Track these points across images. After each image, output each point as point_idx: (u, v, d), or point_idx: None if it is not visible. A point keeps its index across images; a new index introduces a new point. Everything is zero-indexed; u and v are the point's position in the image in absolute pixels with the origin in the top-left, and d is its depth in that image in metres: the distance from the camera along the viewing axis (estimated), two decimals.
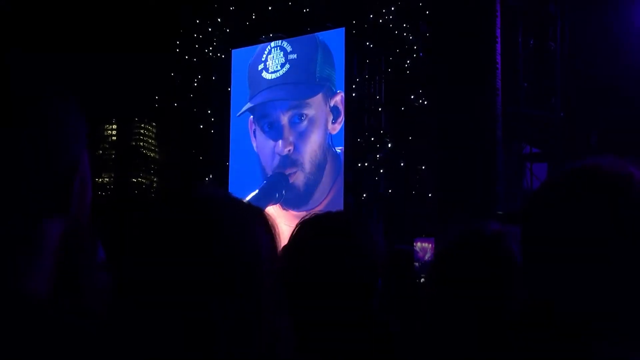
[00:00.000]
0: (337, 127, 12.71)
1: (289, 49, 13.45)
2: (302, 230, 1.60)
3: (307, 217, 1.63)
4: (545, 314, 1.07)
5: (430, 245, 9.70)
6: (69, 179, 0.88)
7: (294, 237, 1.60)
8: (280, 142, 12.99)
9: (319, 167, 12.76)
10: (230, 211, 1.06)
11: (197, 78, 15.05)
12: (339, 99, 12.73)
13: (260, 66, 13.72)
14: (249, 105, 13.69)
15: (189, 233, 1.01)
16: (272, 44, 13.67)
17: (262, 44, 13.84)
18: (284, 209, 12.86)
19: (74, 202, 0.89)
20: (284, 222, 12.64)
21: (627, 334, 1.03)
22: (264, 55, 13.71)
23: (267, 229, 1.09)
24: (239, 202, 1.10)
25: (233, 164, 14.10)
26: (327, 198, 12.60)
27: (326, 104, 12.82)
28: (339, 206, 11.94)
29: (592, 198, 1.06)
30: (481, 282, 1.50)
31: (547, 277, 1.08)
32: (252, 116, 13.73)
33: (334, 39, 12.96)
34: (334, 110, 12.74)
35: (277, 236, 1.11)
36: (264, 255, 1.04)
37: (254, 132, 13.66)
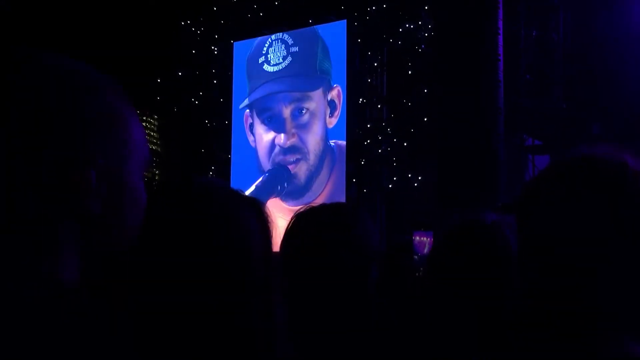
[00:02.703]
0: (333, 121, 12.74)
1: (290, 41, 13.44)
2: (296, 223, 1.60)
3: (301, 210, 1.63)
4: (545, 313, 1.06)
5: (428, 239, 9.70)
6: (80, 174, 0.84)
7: (289, 231, 1.60)
8: (282, 135, 12.98)
9: (320, 160, 12.78)
10: (222, 204, 1.05)
11: (199, 70, 15.03)
12: (335, 92, 12.75)
13: (261, 59, 13.70)
14: (252, 98, 13.67)
15: (182, 228, 1.00)
16: (273, 36, 13.65)
17: (261, 37, 13.83)
18: (283, 202, 12.86)
19: (93, 202, 0.85)
20: (281, 216, 12.64)
21: (627, 332, 1.02)
22: (265, 48, 13.69)
23: (261, 221, 1.08)
24: (232, 194, 1.09)
25: (235, 157, 14.10)
26: (325, 191, 12.61)
27: (325, 98, 12.84)
28: (337, 199, 11.95)
29: (586, 189, 1.05)
30: (478, 272, 1.49)
31: (545, 269, 1.07)
32: (248, 110, 13.72)
33: (336, 31, 12.94)
34: (331, 104, 12.77)
35: (272, 228, 1.10)
36: (255, 247, 1.04)
37: (251, 126, 13.65)
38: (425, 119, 11.94)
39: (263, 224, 1.08)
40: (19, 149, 0.81)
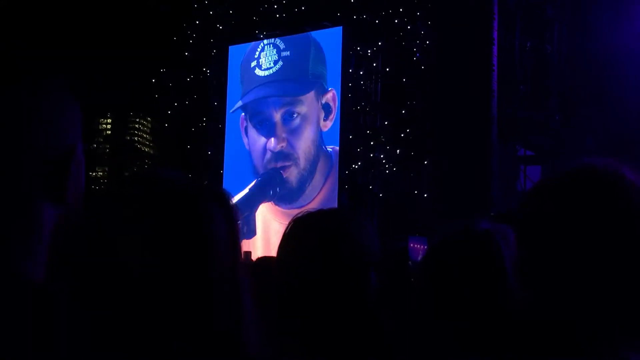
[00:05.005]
0: (328, 124, 12.75)
1: (282, 46, 13.49)
2: (294, 228, 1.61)
3: (299, 215, 1.63)
4: (545, 314, 1.08)
5: (422, 246, 9.70)
6: (65, 165, 0.89)
7: (287, 235, 1.61)
8: (272, 139, 13.00)
9: (312, 164, 12.78)
10: (182, 193, 1.05)
11: (194, 73, 15.05)
12: (330, 96, 12.76)
13: (253, 63, 13.75)
14: (242, 102, 13.71)
15: (140, 213, 1.00)
16: (265, 41, 13.71)
17: (254, 42, 13.88)
18: (276, 205, 12.88)
19: (69, 190, 0.90)
20: (274, 219, 12.65)
21: (626, 334, 1.04)
22: (257, 53, 13.75)
23: (226, 211, 1.08)
24: (194, 185, 1.09)
25: (228, 160, 14.11)
26: (319, 196, 12.61)
27: (318, 101, 12.86)
28: (332, 204, 11.96)
29: (586, 199, 1.08)
30: (470, 279, 1.51)
31: (545, 278, 1.09)
32: (243, 113, 13.75)
33: (331, 38, 12.99)
34: (326, 107, 12.78)
35: (238, 219, 1.10)
36: (219, 237, 1.04)
37: (245, 129, 13.68)
38: (419, 127, 11.98)
39: (228, 214, 1.08)
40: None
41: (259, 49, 13.77)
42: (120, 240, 0.98)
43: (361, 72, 13.19)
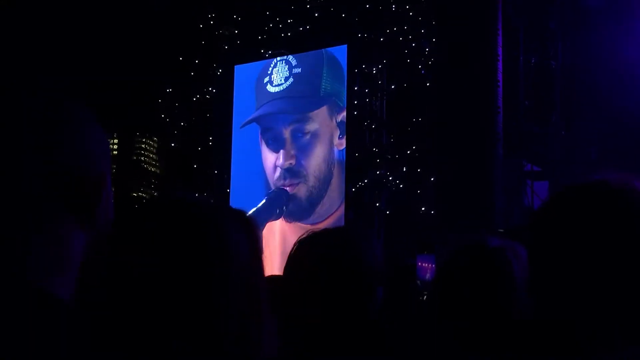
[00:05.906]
0: (343, 143, 12.71)
1: (294, 62, 13.55)
2: (300, 248, 1.61)
3: (303, 236, 1.64)
4: (545, 314, 1.08)
5: (430, 265, 9.68)
6: (97, 192, 0.90)
7: (292, 256, 1.61)
8: (281, 154, 13.01)
9: (324, 182, 12.75)
10: (201, 212, 1.07)
11: (200, 93, 15.10)
12: (346, 114, 12.75)
13: (266, 79, 13.83)
14: (251, 117, 13.76)
15: (162, 233, 1.01)
16: (279, 57, 13.78)
17: (268, 59, 13.95)
18: (288, 222, 12.87)
19: (99, 218, 0.91)
20: (294, 234, 12.60)
21: (630, 340, 1.04)
22: (270, 69, 13.83)
23: (247, 231, 1.09)
24: (214, 205, 1.11)
25: (234, 179, 14.12)
26: (337, 212, 12.55)
27: (332, 119, 12.83)
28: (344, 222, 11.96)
29: (599, 213, 1.08)
30: (482, 296, 1.51)
31: (556, 291, 1.10)
32: (260, 128, 13.81)
33: (337, 55, 13.03)
34: (341, 125, 12.74)
35: (259, 241, 1.11)
36: (239, 258, 1.04)
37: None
38: (425, 143, 11.99)
39: (249, 234, 1.09)
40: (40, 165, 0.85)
41: (271, 66, 13.85)
42: (139, 255, 1.00)
43: (366, 90, 13.22)
